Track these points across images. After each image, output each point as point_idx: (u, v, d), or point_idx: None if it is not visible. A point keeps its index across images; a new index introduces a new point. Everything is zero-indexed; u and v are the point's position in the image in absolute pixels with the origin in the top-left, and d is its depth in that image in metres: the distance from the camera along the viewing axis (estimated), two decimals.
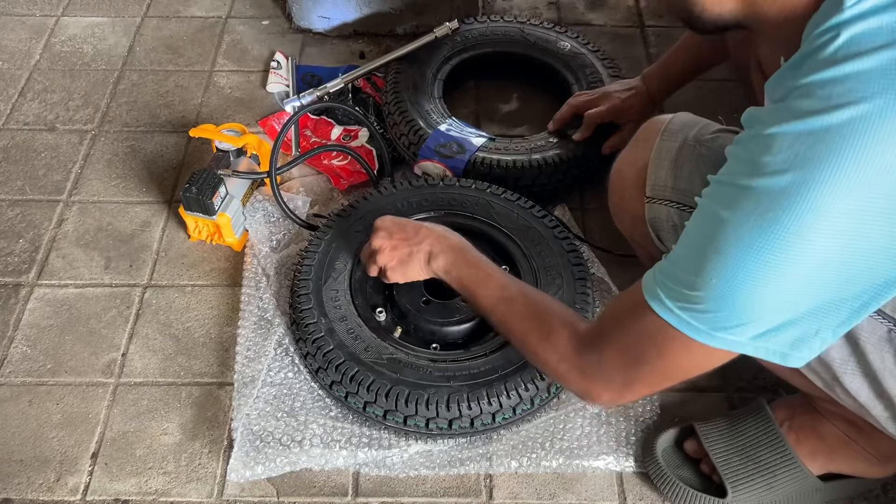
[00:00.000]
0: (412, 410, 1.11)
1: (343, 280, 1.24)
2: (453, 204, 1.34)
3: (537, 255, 1.27)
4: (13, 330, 1.32)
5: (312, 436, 1.15)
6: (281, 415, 1.18)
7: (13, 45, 1.83)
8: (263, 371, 1.21)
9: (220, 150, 1.44)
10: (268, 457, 1.13)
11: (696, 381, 1.25)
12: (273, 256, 1.37)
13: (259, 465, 1.13)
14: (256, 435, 1.15)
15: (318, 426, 1.16)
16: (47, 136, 1.63)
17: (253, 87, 1.73)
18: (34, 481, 1.15)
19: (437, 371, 1.14)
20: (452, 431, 1.13)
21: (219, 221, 1.38)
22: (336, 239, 1.29)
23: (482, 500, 1.14)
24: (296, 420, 1.17)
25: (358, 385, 1.13)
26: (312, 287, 1.23)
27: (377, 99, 1.64)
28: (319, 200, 1.49)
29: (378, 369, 1.14)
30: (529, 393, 1.13)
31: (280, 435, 1.15)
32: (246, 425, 1.16)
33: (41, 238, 1.45)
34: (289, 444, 1.14)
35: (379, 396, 1.12)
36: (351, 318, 1.20)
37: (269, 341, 1.24)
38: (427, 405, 1.11)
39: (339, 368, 1.14)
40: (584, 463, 1.14)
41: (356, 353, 1.15)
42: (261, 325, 1.27)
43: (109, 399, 1.24)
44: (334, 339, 1.17)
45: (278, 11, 1.90)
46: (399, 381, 1.12)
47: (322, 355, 1.16)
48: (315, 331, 1.18)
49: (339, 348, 1.16)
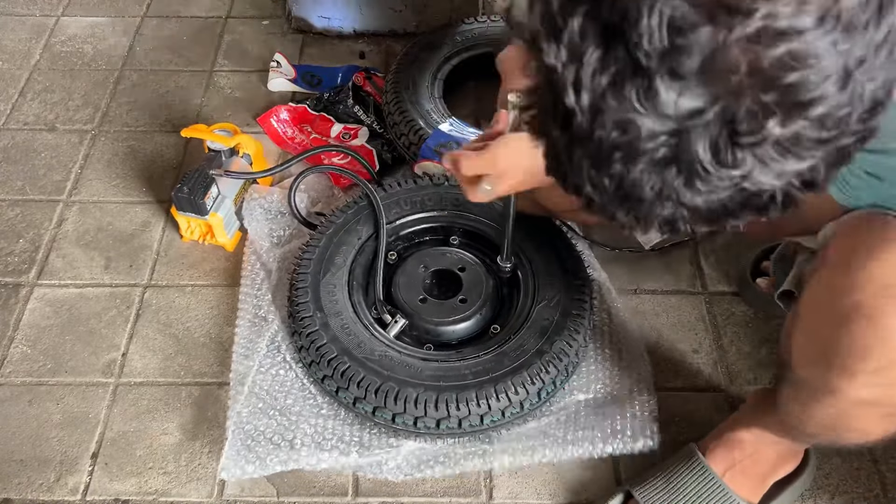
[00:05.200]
0: (401, 408, 1.11)
1: (342, 275, 1.24)
2: (457, 204, 1.34)
3: (538, 256, 1.27)
4: (13, 330, 1.32)
5: (304, 435, 1.15)
6: (273, 412, 1.17)
7: (13, 45, 1.83)
8: (254, 368, 1.21)
9: (211, 150, 1.44)
10: (258, 455, 1.13)
11: (695, 382, 1.26)
12: (275, 251, 1.37)
13: (250, 463, 1.12)
14: (248, 434, 1.15)
15: (310, 426, 1.16)
16: (47, 136, 1.63)
17: (253, 87, 1.72)
18: (34, 481, 1.15)
19: (427, 370, 1.14)
20: (440, 431, 1.12)
21: (211, 221, 1.38)
22: (337, 234, 1.29)
23: (482, 500, 1.14)
24: (287, 419, 1.17)
25: (349, 381, 1.13)
26: (310, 281, 1.23)
27: (377, 98, 1.64)
28: (320, 199, 1.49)
29: (370, 366, 1.14)
30: (519, 397, 1.12)
31: (271, 434, 1.15)
32: (237, 423, 1.16)
33: (41, 238, 1.45)
34: (280, 443, 1.14)
35: (368, 393, 1.12)
36: (347, 314, 1.20)
37: (262, 338, 1.24)
38: (416, 404, 1.11)
39: (331, 363, 1.14)
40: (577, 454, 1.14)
41: (349, 349, 1.15)
42: (255, 323, 1.27)
43: (109, 399, 1.24)
44: (328, 334, 1.17)
45: (278, 11, 1.90)
46: (389, 379, 1.12)
47: (315, 349, 1.16)
48: (310, 325, 1.18)
49: (333, 343, 1.16)
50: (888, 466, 1.17)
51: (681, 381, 1.25)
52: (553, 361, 1.14)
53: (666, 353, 1.28)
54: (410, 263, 1.29)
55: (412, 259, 1.30)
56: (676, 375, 1.26)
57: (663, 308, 1.34)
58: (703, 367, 1.27)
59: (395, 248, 1.34)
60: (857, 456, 1.17)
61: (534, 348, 1.15)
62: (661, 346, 1.29)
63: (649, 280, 1.37)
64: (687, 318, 1.33)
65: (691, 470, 1.06)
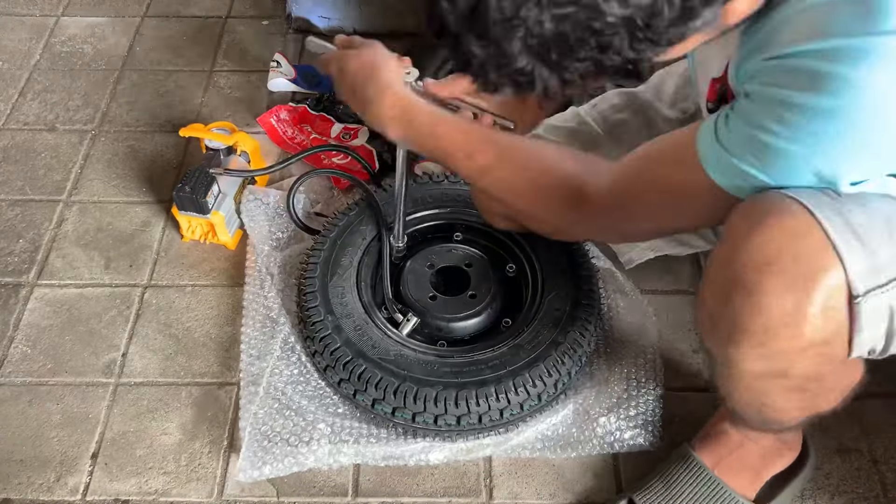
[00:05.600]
0: (420, 407, 1.11)
1: (350, 277, 1.24)
2: (458, 201, 1.34)
3: (541, 245, 1.27)
4: (13, 330, 1.32)
5: (321, 436, 1.15)
6: (289, 413, 1.17)
7: (13, 45, 1.83)
8: (268, 369, 1.21)
9: (210, 149, 1.44)
10: (275, 457, 1.13)
11: (695, 382, 1.26)
12: (276, 255, 1.37)
13: (267, 465, 1.12)
14: (264, 434, 1.15)
15: (326, 425, 1.16)
16: (47, 137, 1.63)
17: (253, 87, 1.72)
18: (34, 481, 1.15)
19: (445, 367, 1.13)
20: (461, 428, 1.12)
21: (213, 220, 1.38)
22: (341, 237, 1.29)
23: (482, 499, 1.14)
24: (303, 420, 1.16)
25: (366, 383, 1.12)
26: (318, 284, 1.22)
27: None
28: (320, 199, 1.49)
29: (386, 366, 1.13)
30: (537, 389, 1.12)
31: (288, 435, 1.15)
32: (254, 425, 1.15)
33: (41, 238, 1.45)
34: (296, 444, 1.14)
35: (387, 394, 1.11)
36: (357, 315, 1.19)
37: (275, 340, 1.24)
38: (436, 402, 1.10)
39: (346, 366, 1.14)
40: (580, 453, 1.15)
41: (363, 351, 1.15)
42: (265, 324, 1.27)
43: (109, 399, 1.24)
44: (341, 337, 1.17)
45: (278, 11, 1.90)
46: (407, 378, 1.12)
47: (329, 353, 1.16)
48: (322, 329, 1.18)
49: (347, 346, 1.16)
50: (888, 466, 1.17)
51: (681, 381, 1.25)
52: (568, 352, 1.15)
53: (666, 353, 1.28)
54: (417, 261, 1.29)
55: (419, 257, 1.30)
56: (676, 375, 1.26)
57: (663, 308, 1.33)
58: (703, 367, 1.27)
59: None
60: (857, 456, 1.17)
61: (549, 339, 1.15)
62: (661, 346, 1.28)
63: (649, 280, 1.37)
64: (687, 318, 1.33)
65: (686, 468, 1.07)
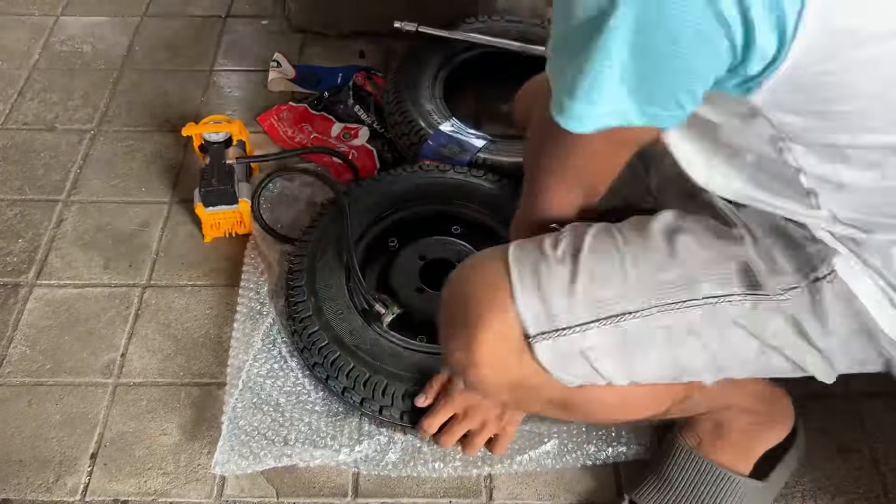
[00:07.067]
0: (388, 401, 1.11)
1: (339, 261, 1.24)
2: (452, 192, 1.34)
3: None
4: (12, 330, 1.32)
5: (297, 431, 1.15)
6: (267, 408, 1.17)
7: (13, 45, 1.83)
8: (248, 362, 1.21)
9: (210, 142, 1.44)
10: (252, 450, 1.13)
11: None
12: (278, 246, 1.37)
13: (243, 458, 1.12)
14: (241, 428, 1.15)
15: (303, 423, 1.16)
16: (47, 136, 1.63)
17: (253, 87, 1.72)
18: (33, 482, 1.15)
19: (419, 363, 1.13)
20: None
21: (241, 208, 1.39)
22: (334, 222, 1.29)
23: (482, 500, 1.13)
24: (281, 415, 1.17)
25: (338, 370, 1.13)
26: (306, 265, 1.23)
27: (378, 98, 1.63)
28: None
29: (360, 356, 1.14)
30: None
31: (265, 429, 1.15)
32: (231, 418, 1.16)
33: (40, 238, 1.45)
34: (273, 438, 1.14)
35: (357, 384, 1.12)
36: (341, 300, 1.20)
37: (258, 332, 1.24)
38: (403, 398, 1.11)
39: (321, 351, 1.15)
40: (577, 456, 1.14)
41: (340, 337, 1.15)
42: (251, 317, 1.27)
43: (109, 399, 1.24)
44: (321, 320, 1.17)
45: (278, 11, 1.90)
46: (379, 370, 1.12)
47: (307, 335, 1.16)
48: (303, 309, 1.18)
49: (325, 329, 1.16)
50: (889, 467, 1.17)
51: None
52: None
53: None
54: (408, 253, 1.29)
55: (410, 249, 1.30)
56: None
57: None
58: None
59: (397, 236, 1.34)
60: (857, 456, 1.17)
61: None
62: None
63: None
64: None
65: (674, 455, 1.08)
